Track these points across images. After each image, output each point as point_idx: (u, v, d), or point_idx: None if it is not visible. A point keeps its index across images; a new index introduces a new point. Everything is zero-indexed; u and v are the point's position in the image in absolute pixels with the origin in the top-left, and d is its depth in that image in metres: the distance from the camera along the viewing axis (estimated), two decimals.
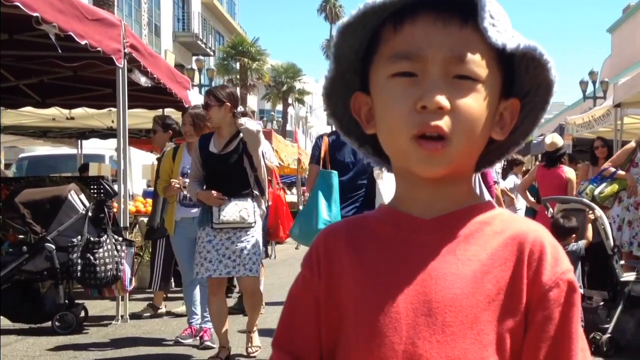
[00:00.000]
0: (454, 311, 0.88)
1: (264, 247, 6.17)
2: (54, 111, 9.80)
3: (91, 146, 13.14)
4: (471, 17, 0.88)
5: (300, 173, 19.05)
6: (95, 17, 5.59)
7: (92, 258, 5.92)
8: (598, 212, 5.58)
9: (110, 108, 9.02)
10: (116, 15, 7.44)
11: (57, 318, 6.01)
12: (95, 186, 7.20)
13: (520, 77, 0.95)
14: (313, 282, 0.98)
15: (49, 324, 6.02)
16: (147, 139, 10.05)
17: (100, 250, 5.96)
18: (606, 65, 30.94)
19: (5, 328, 5.94)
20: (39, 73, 7.69)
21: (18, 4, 4.36)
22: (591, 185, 6.93)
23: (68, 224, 6.09)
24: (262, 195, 4.94)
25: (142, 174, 12.55)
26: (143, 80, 6.74)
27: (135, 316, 6.72)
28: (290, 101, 47.67)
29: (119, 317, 6.48)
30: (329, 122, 1.06)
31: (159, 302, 7.00)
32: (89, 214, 6.18)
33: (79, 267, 5.91)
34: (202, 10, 37.59)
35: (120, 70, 6.21)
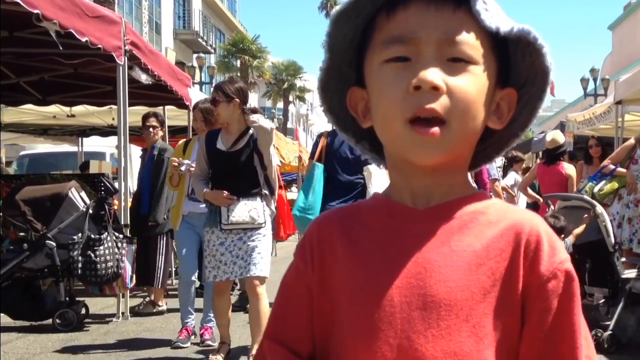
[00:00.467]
0: (449, 304, 0.88)
1: None
2: (54, 109, 9.79)
3: (92, 144, 13.12)
4: (464, 2, 0.89)
5: (301, 170, 19.00)
6: (95, 14, 5.58)
7: (92, 255, 5.92)
8: (599, 209, 5.58)
9: (111, 105, 9.03)
10: (117, 13, 7.45)
11: (58, 315, 6.01)
12: (96, 183, 7.20)
13: (517, 65, 0.94)
14: (306, 272, 0.98)
15: (49, 321, 6.02)
16: None
17: (101, 247, 5.96)
18: (607, 63, 30.96)
19: (5, 325, 5.94)
20: (40, 70, 7.69)
21: (19, 1, 4.35)
22: (591, 182, 6.92)
23: (69, 222, 6.09)
24: (272, 195, 4.78)
25: None
26: (144, 78, 6.74)
27: (136, 313, 6.72)
28: (291, 99, 47.64)
29: (120, 315, 6.48)
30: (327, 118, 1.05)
31: (160, 299, 7.00)
32: (90, 211, 6.18)
33: (79, 265, 5.92)
34: (203, 7, 37.57)
35: (121, 67, 6.20)
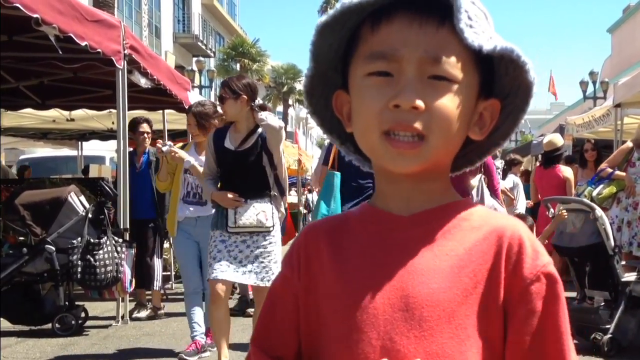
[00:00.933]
0: (431, 306, 0.89)
1: None
2: (54, 113, 9.79)
3: (91, 148, 13.13)
4: (448, 18, 0.89)
5: (301, 174, 18.93)
6: (95, 18, 5.58)
7: (92, 260, 5.91)
8: (598, 212, 5.58)
9: (111, 109, 9.01)
10: (116, 17, 7.44)
11: (57, 320, 6.01)
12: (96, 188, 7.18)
13: (500, 78, 0.95)
14: (292, 280, 0.99)
15: (49, 325, 6.02)
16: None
17: (101, 251, 5.95)
18: (606, 66, 30.96)
19: (5, 330, 5.93)
20: (39, 74, 7.69)
21: (18, 5, 4.35)
22: (589, 187, 6.93)
23: (68, 226, 6.08)
24: (282, 196, 4.57)
25: None
26: (143, 82, 6.74)
27: (135, 317, 6.71)
28: (290, 102, 47.61)
29: (119, 319, 6.48)
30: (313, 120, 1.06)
31: (158, 303, 6.99)
32: (89, 215, 6.18)
33: (79, 269, 5.91)
34: (203, 11, 37.60)
35: (120, 71, 6.21)
